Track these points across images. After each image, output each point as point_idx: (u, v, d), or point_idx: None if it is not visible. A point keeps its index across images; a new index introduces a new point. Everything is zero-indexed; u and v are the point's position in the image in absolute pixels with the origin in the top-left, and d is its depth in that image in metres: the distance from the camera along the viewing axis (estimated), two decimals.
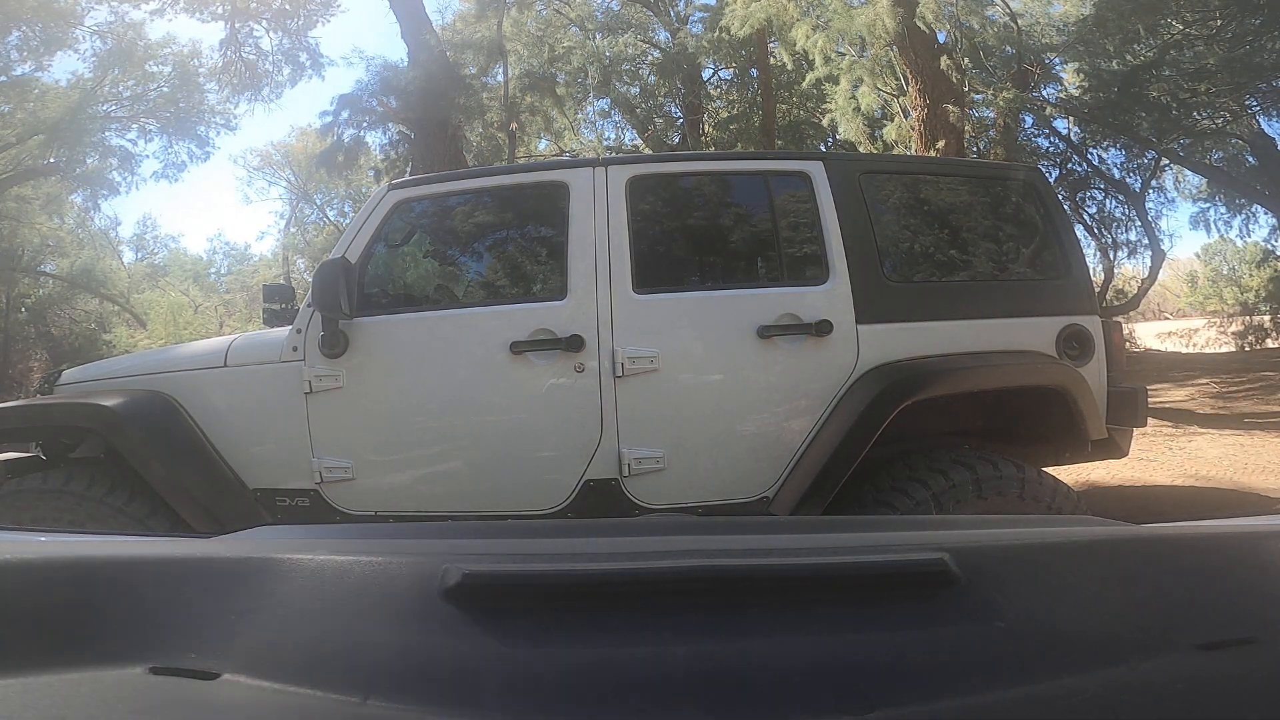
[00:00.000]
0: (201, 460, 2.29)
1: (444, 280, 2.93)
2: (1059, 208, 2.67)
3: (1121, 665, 0.54)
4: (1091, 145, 12.61)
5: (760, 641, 0.56)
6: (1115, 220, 12.83)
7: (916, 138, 9.07)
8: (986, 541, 0.73)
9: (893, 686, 0.52)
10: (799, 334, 2.27)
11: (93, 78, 13.52)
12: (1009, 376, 2.30)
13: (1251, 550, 0.73)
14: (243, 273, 22.81)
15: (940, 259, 2.55)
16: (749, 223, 2.52)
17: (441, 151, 9.73)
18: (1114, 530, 0.84)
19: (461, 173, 3.40)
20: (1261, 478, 4.49)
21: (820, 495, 2.18)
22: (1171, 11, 9.81)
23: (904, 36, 8.75)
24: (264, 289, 3.02)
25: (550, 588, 0.60)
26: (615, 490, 2.24)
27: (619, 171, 2.37)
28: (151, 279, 20.53)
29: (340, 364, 2.29)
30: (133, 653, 0.55)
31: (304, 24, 12.81)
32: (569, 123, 14.18)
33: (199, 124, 14.77)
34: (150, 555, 0.72)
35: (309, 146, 17.01)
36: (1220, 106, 10.83)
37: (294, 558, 0.66)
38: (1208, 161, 12.20)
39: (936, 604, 0.59)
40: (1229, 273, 21.63)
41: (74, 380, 2.58)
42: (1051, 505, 2.18)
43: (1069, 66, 11.63)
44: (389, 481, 2.33)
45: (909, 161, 5.42)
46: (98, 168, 14.34)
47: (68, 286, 16.58)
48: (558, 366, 2.26)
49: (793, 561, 0.66)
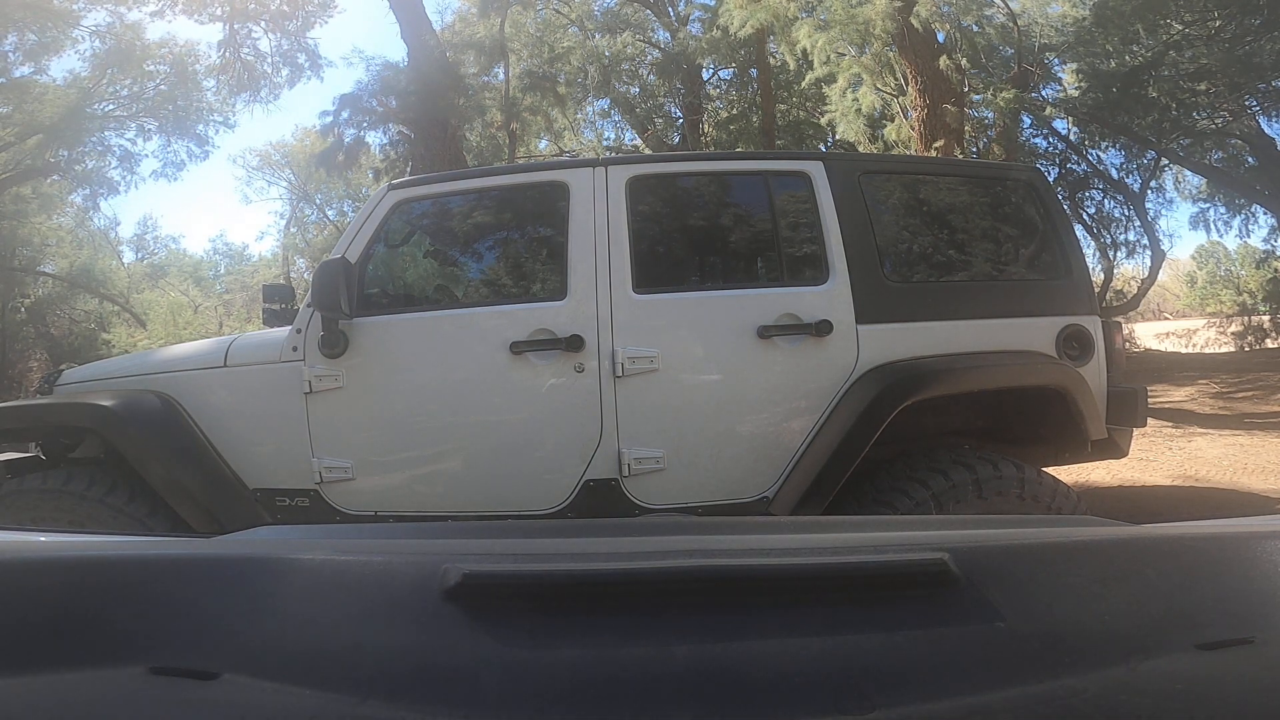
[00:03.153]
0: (201, 460, 2.29)
1: (444, 280, 2.93)
2: (1059, 208, 2.67)
3: (1121, 665, 0.54)
4: (1091, 145, 12.64)
5: (760, 641, 0.56)
6: (1114, 220, 12.86)
7: (916, 138, 9.07)
8: (986, 541, 0.73)
9: (893, 686, 0.52)
10: (799, 334, 2.27)
11: (90, 77, 13.51)
12: (1009, 377, 2.30)
13: (1251, 550, 0.73)
14: (242, 273, 22.81)
15: (940, 259, 2.55)
16: (749, 223, 2.52)
17: (441, 151, 9.72)
18: (1114, 530, 0.84)
19: (461, 173, 3.40)
20: (1261, 478, 4.49)
21: (820, 495, 2.18)
22: (1170, 12, 9.82)
23: (903, 36, 8.75)
24: (264, 289, 3.02)
25: (550, 588, 0.60)
26: (615, 490, 2.24)
27: (619, 171, 2.37)
28: (151, 279, 20.53)
29: (340, 364, 2.29)
30: (133, 653, 0.55)
31: (302, 25, 12.82)
32: (569, 123, 14.18)
33: (198, 123, 14.78)
34: (150, 555, 0.72)
35: (309, 146, 17.01)
36: (1220, 106, 10.84)
37: (294, 558, 0.66)
38: (1207, 161, 12.21)
39: (936, 604, 0.59)
40: (1224, 275, 21.67)
41: (74, 380, 2.58)
42: (1051, 505, 2.18)
43: (1068, 66, 11.65)
44: (389, 481, 2.33)
45: (909, 162, 5.41)
46: (97, 167, 14.36)
47: (67, 286, 16.57)
48: (557, 366, 2.26)
49: (793, 561, 0.66)
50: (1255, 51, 9.36)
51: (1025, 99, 10.48)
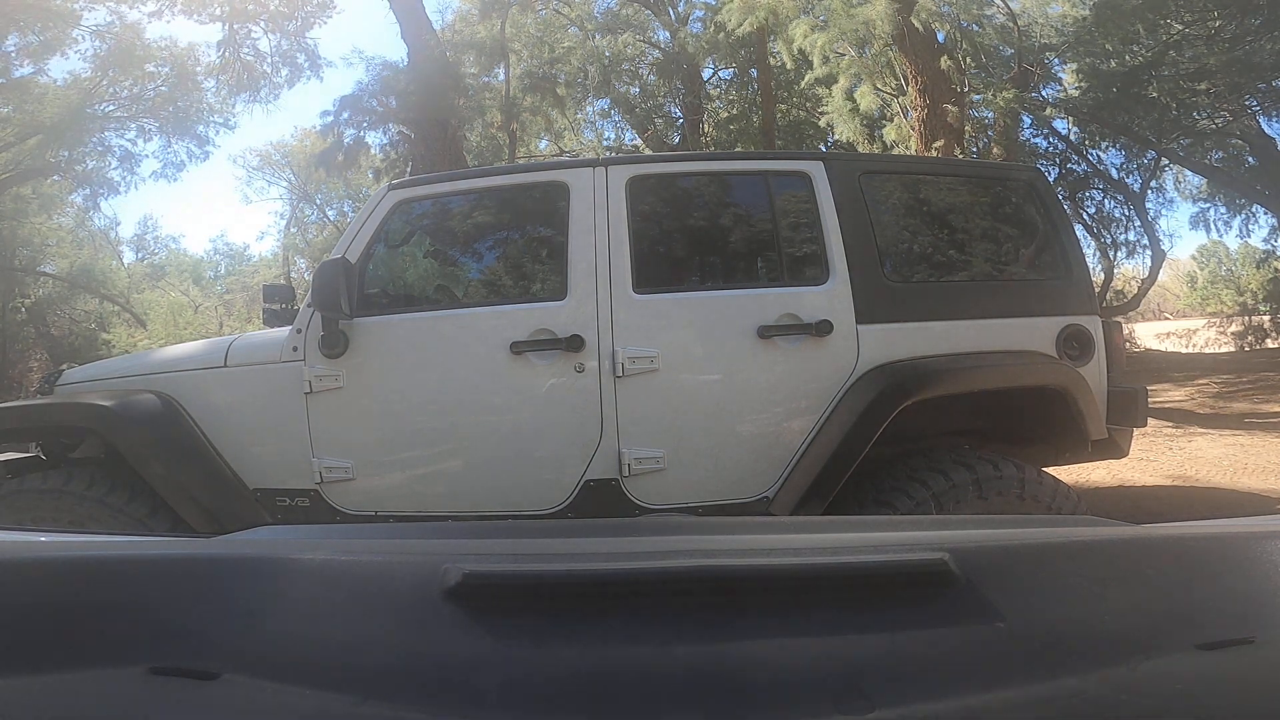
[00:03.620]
0: (201, 460, 2.29)
1: (444, 280, 2.93)
2: (1059, 208, 2.67)
3: (1121, 665, 0.54)
4: (1091, 145, 12.63)
5: (760, 641, 0.56)
6: (1115, 220, 12.86)
7: (916, 138, 9.07)
8: (986, 541, 0.73)
9: (893, 686, 0.52)
10: (799, 334, 2.27)
11: (91, 77, 13.51)
12: (1009, 376, 2.30)
13: (1251, 550, 0.73)
14: (242, 273, 22.80)
15: (940, 259, 2.55)
16: (749, 223, 2.52)
17: (441, 152, 9.72)
18: (1114, 530, 0.84)
19: (461, 173, 3.41)
20: (1261, 478, 4.49)
21: (820, 495, 2.18)
22: (1170, 12, 9.81)
23: (903, 36, 8.75)
24: (264, 289, 3.02)
25: (550, 588, 0.60)
26: (615, 490, 2.24)
27: (619, 171, 2.37)
28: (151, 279, 20.53)
29: (340, 364, 2.29)
30: (133, 653, 0.55)
31: (302, 25, 12.80)
32: (569, 123, 14.18)
33: (198, 123, 14.78)
34: (150, 555, 0.72)
35: (309, 146, 17.00)
36: (1220, 106, 10.84)
37: (294, 558, 0.66)
38: (1207, 161, 12.21)
39: (937, 604, 0.59)
40: (1225, 275, 21.68)
41: (74, 380, 2.58)
42: (1051, 505, 2.18)
43: (1068, 66, 11.65)
44: (389, 481, 2.33)
45: (909, 162, 5.41)
46: (97, 167, 14.36)
47: (67, 286, 16.57)
48: (558, 366, 2.26)
49: (793, 561, 0.66)
50: (1255, 51, 9.35)
51: (1025, 99, 10.48)
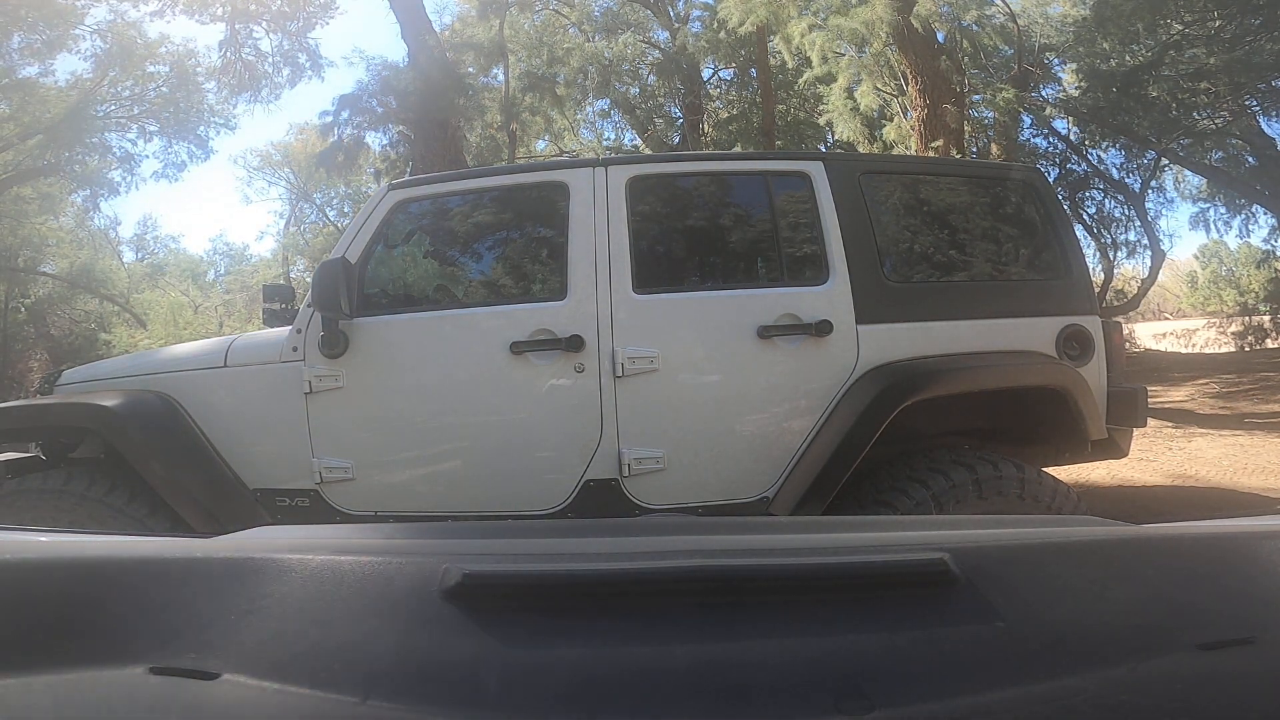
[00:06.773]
0: (201, 460, 2.28)
1: (444, 280, 2.92)
2: (1059, 208, 2.67)
3: (1121, 665, 0.54)
4: (1091, 145, 12.63)
5: (760, 641, 0.56)
6: (1115, 220, 12.86)
7: (916, 137, 9.07)
8: (986, 541, 0.74)
9: (893, 686, 0.52)
10: (799, 334, 2.27)
11: (92, 78, 13.52)
12: (1009, 376, 2.30)
13: (1251, 550, 0.73)
14: (242, 273, 22.79)
15: (940, 259, 2.55)
16: (749, 223, 2.52)
17: (441, 152, 9.72)
18: (1114, 530, 0.84)
19: (461, 173, 3.40)
20: (1261, 478, 4.49)
21: (820, 495, 2.18)
22: (1170, 12, 9.81)
23: (903, 35, 8.75)
24: (264, 289, 3.02)
25: (550, 588, 0.60)
26: (615, 490, 2.24)
27: (619, 172, 2.37)
28: (151, 279, 20.52)
29: (340, 364, 2.29)
30: (133, 653, 0.55)
31: (303, 25, 12.80)
32: (569, 123, 14.18)
33: (198, 124, 14.79)
34: (150, 555, 0.72)
35: (309, 146, 17.00)
36: (1220, 106, 10.84)
37: (294, 558, 0.66)
38: (1207, 161, 12.21)
39: (936, 604, 0.60)
40: (1226, 274, 21.69)
41: (74, 380, 2.58)
42: (1051, 505, 2.18)
43: (1068, 66, 11.65)
44: (389, 481, 2.33)
45: (909, 162, 5.41)
46: (97, 168, 14.35)
47: (67, 286, 16.57)
48: (558, 366, 2.26)
49: (793, 561, 0.66)
50: (1255, 51, 9.36)
51: (1025, 99, 10.49)
